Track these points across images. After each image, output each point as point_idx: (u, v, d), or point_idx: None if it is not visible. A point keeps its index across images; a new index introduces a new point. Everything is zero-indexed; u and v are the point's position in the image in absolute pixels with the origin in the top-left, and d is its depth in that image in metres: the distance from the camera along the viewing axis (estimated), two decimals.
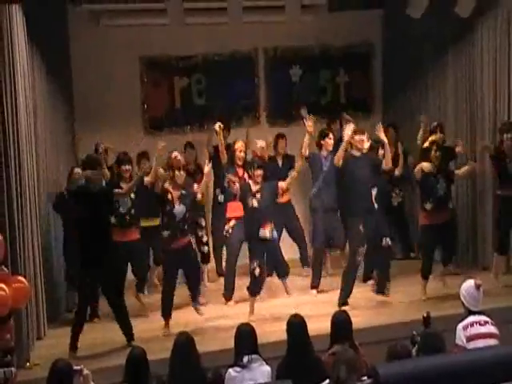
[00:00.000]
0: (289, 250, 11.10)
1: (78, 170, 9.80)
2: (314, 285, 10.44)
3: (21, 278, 7.56)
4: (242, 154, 10.49)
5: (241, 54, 12.24)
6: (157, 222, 10.32)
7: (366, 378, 5.77)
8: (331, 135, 10.57)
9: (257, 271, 9.31)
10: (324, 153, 10.49)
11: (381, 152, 9.97)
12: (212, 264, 11.31)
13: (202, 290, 9.77)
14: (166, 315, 9.17)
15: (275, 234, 9.60)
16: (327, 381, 6.31)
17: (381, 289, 9.82)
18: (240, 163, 10.46)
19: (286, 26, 11.81)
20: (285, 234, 11.21)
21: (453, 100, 11.59)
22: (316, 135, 10.55)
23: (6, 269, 7.31)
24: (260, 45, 12.26)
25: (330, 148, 10.46)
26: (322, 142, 10.48)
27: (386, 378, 5.09)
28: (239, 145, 10.56)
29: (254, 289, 9.44)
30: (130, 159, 10.06)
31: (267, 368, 6.79)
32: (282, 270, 9.67)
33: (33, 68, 9.39)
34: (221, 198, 11.11)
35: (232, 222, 10.29)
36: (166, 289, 9.23)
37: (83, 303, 8.83)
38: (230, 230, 10.31)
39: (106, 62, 11.44)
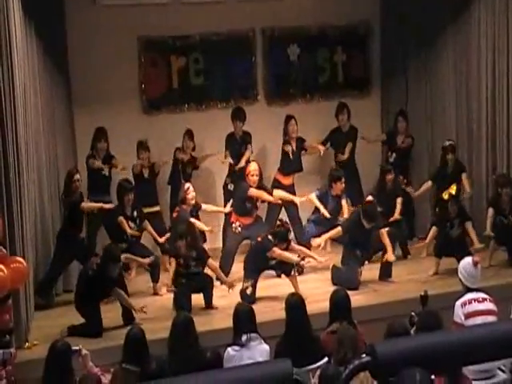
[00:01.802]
0: None
1: (77, 177, 9.82)
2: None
3: (19, 259, 7.55)
4: (255, 178, 10.27)
5: (238, 33, 12.15)
6: (157, 208, 10.83)
7: (364, 355, 5.78)
8: (343, 179, 10.52)
9: (249, 290, 9.18)
10: (333, 193, 10.51)
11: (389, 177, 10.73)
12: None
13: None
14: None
15: None
16: (326, 359, 6.34)
17: (385, 275, 9.91)
18: (254, 185, 10.31)
19: (283, 5, 11.76)
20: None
21: (452, 78, 11.56)
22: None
23: (4, 250, 7.31)
24: (258, 24, 12.18)
25: (339, 193, 10.49)
26: (333, 184, 10.46)
27: (384, 356, 5.08)
28: (252, 168, 10.36)
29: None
30: (132, 188, 10.15)
31: (266, 347, 6.82)
32: (286, 267, 9.40)
33: (29, 49, 9.33)
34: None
35: (239, 223, 10.28)
36: None
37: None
38: (239, 229, 10.27)
39: (103, 43, 11.36)
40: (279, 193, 10.56)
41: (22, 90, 8.65)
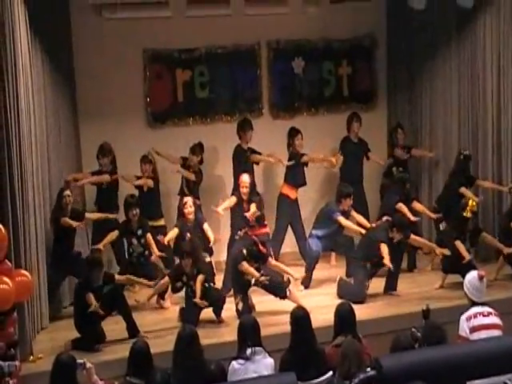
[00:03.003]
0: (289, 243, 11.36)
1: (67, 193, 9.80)
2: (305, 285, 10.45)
3: (24, 272, 7.57)
4: (245, 190, 10.45)
5: (243, 46, 12.18)
6: (161, 222, 10.92)
7: (369, 369, 5.76)
8: (352, 196, 10.50)
9: (240, 306, 9.18)
10: (341, 208, 10.44)
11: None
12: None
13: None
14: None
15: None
16: (331, 372, 6.32)
17: (390, 288, 9.90)
18: (245, 198, 10.48)
19: (288, 18, 11.78)
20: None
21: (456, 91, 11.56)
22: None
23: (9, 263, 7.32)
24: (263, 37, 12.20)
25: (347, 208, 10.44)
26: (343, 200, 10.39)
27: (389, 370, 5.06)
28: (242, 180, 10.51)
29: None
30: (137, 201, 10.20)
31: (270, 360, 6.80)
32: (280, 290, 9.35)
33: (35, 61, 9.35)
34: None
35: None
36: None
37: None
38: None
39: (109, 55, 11.40)
40: None
41: (27, 103, 8.67)
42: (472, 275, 7.20)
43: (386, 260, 9.48)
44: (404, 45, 12.50)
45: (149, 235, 10.07)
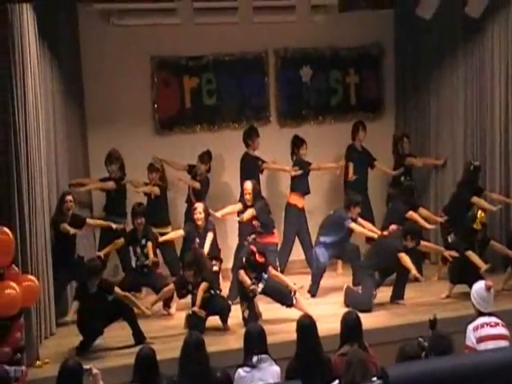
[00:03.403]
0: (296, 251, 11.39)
1: (69, 198, 9.75)
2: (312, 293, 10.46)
3: (31, 277, 7.57)
4: (248, 197, 10.41)
5: (251, 54, 12.21)
6: (168, 229, 10.87)
7: (375, 378, 5.76)
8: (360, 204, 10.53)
9: (246, 313, 9.16)
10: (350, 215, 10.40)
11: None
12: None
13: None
14: None
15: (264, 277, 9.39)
16: (337, 381, 6.31)
17: (397, 297, 9.90)
18: (249, 204, 10.46)
19: (296, 27, 11.77)
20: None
21: (463, 100, 11.56)
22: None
23: (16, 268, 7.33)
24: (270, 45, 12.23)
25: (355, 216, 10.41)
26: (352, 208, 10.34)
27: (396, 379, 5.06)
28: (245, 187, 10.49)
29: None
30: (144, 210, 10.19)
31: (277, 368, 6.79)
32: (287, 298, 9.33)
33: (43, 67, 9.36)
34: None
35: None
36: None
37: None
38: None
39: (117, 62, 11.45)
40: None
41: (34, 110, 8.67)
42: (479, 285, 7.19)
43: (413, 270, 9.55)
44: (411, 54, 12.51)
45: (149, 244, 10.03)
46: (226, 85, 12.16)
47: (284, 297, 9.27)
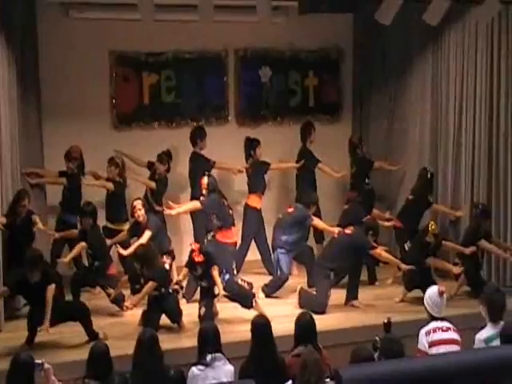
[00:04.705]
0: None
1: (25, 203, 9.56)
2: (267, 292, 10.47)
3: None
4: (204, 192, 10.25)
5: (211, 53, 12.18)
6: (125, 226, 10.63)
7: (328, 380, 5.81)
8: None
9: (202, 311, 9.08)
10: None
11: None
12: None
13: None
14: None
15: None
16: (290, 382, 6.34)
17: (351, 297, 9.96)
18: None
19: (256, 27, 11.77)
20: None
21: (420, 106, 11.69)
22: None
23: None
24: (230, 44, 12.22)
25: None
26: (312, 207, 10.58)
27: (349, 381, 5.11)
28: (203, 181, 10.32)
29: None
30: (92, 210, 9.90)
31: (230, 367, 6.81)
32: (247, 300, 9.33)
33: (0, 58, 9.25)
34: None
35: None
36: None
37: None
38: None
39: (75, 56, 11.30)
40: None
41: None
42: (432, 290, 7.27)
43: (401, 264, 9.83)
44: (370, 58, 12.61)
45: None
46: (186, 82, 12.11)
47: (244, 299, 9.26)
